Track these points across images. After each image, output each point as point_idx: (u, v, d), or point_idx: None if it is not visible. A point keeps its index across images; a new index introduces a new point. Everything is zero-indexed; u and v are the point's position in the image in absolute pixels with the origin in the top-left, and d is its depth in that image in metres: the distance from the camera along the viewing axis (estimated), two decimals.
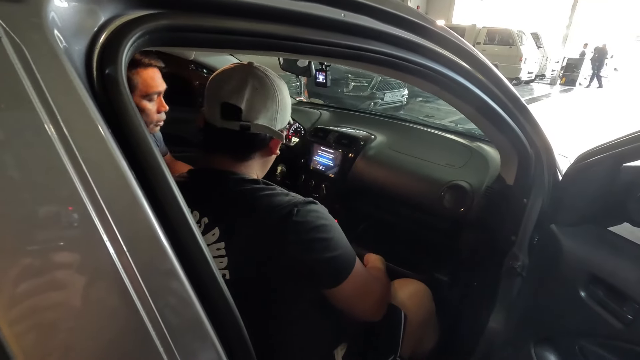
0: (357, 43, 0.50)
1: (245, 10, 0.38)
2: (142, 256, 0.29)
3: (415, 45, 0.55)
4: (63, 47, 0.27)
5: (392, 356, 0.82)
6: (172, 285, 0.33)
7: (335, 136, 1.45)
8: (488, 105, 0.79)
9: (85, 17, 0.29)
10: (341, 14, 0.47)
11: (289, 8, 0.41)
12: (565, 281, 0.87)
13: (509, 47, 9.30)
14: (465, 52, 0.68)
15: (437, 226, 1.18)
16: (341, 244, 0.65)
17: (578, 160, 0.90)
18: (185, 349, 0.33)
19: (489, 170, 1.13)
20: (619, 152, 0.83)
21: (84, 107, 0.27)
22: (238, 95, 0.64)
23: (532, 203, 0.94)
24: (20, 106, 0.24)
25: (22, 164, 0.24)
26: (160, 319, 0.31)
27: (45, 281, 0.26)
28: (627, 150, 0.81)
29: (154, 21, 0.32)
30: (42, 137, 0.25)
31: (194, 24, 0.35)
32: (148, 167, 0.31)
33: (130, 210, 0.29)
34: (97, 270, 0.28)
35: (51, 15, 0.26)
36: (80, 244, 0.27)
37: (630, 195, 0.81)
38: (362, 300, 0.72)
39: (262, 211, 0.61)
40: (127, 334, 0.30)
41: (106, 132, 0.28)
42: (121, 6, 0.31)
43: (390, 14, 0.50)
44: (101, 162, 0.27)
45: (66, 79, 0.27)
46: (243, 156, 0.69)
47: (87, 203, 0.26)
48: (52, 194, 0.25)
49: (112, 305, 0.29)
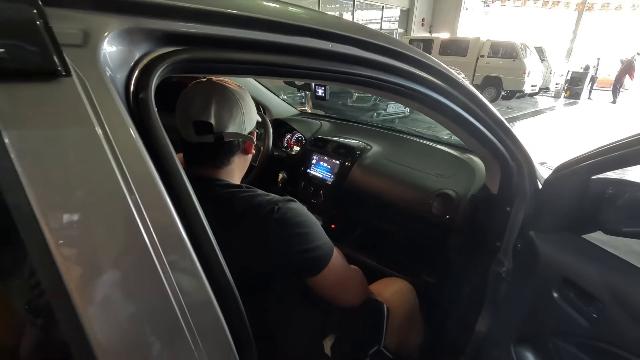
0: (343, 68, 0.59)
1: (250, 45, 0.47)
2: (165, 240, 0.38)
3: (392, 68, 0.64)
4: (109, 76, 0.36)
5: (376, 346, 0.89)
6: (189, 270, 0.40)
7: (334, 146, 1.54)
8: (467, 120, 0.87)
9: (126, 55, 0.38)
10: (329, 45, 0.56)
11: (287, 42, 0.51)
12: (541, 284, 0.93)
13: (513, 60, 9.38)
14: (443, 74, 0.76)
15: (426, 231, 1.26)
16: (318, 236, 0.73)
17: (555, 171, 0.97)
18: (200, 325, 0.41)
19: (475, 180, 1.21)
20: (588, 164, 0.90)
21: (123, 121, 0.36)
22: (206, 112, 0.72)
23: (516, 211, 1.01)
24: (82, 121, 0.33)
25: (82, 162, 0.33)
26: (181, 296, 0.39)
27: (95, 261, 0.34)
28: (595, 163, 0.88)
29: (176, 56, 0.41)
30: (94, 141, 0.33)
31: (208, 57, 0.44)
32: (169, 168, 0.40)
33: (156, 203, 0.37)
34: (131, 248, 0.36)
35: (102, 55, 0.36)
36: (120, 224, 0.35)
37: (601, 206, 0.88)
38: (343, 286, 0.81)
39: (246, 211, 0.70)
40: (157, 308, 0.38)
41: (138, 140, 0.37)
42: (151, 45, 0.40)
43: (371, 44, 0.60)
44: (134, 162, 0.36)
45: (111, 100, 0.36)
46: (222, 163, 0.77)
47: (125, 193, 0.34)
48: (100, 186, 0.34)
49: (145, 284, 0.37)
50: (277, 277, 0.73)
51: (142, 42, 0.39)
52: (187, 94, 0.75)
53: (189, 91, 0.75)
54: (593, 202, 0.92)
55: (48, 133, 0.31)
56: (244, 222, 0.70)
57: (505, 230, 1.04)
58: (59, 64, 0.31)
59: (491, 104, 0.92)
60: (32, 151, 0.30)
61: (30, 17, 0.30)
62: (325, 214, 1.54)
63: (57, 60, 0.30)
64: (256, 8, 0.49)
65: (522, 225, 1.01)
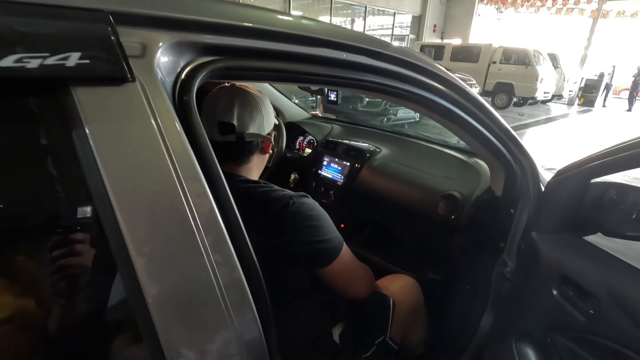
0: (355, 75, 0.66)
1: (274, 55, 0.55)
2: (207, 227, 0.44)
3: (400, 75, 0.71)
4: (161, 80, 0.43)
5: (382, 337, 0.95)
6: (224, 250, 0.46)
7: (344, 148, 1.60)
8: (472, 126, 0.92)
9: (173, 64, 0.46)
10: (343, 55, 0.63)
11: (306, 52, 0.58)
12: (541, 282, 0.98)
13: (525, 67, 9.33)
14: (449, 81, 0.82)
15: (431, 231, 1.31)
16: (329, 230, 0.80)
17: (557, 174, 1.02)
18: (232, 301, 0.47)
19: (480, 183, 1.26)
20: (587, 168, 0.95)
21: (172, 118, 0.43)
22: (229, 113, 0.80)
23: (520, 213, 1.06)
24: (141, 116, 0.40)
25: (142, 150, 0.40)
26: (217, 270, 0.45)
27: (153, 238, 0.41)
28: (593, 167, 0.93)
29: (213, 64, 0.49)
30: (151, 133, 0.41)
31: (240, 65, 0.51)
32: (207, 160, 0.47)
33: (199, 191, 0.44)
34: (181, 230, 0.43)
35: (156, 64, 0.43)
36: (175, 212, 0.42)
37: (601, 209, 0.92)
38: (351, 277, 0.87)
39: (263, 204, 0.77)
40: (200, 277, 0.44)
41: (183, 135, 0.44)
42: (193, 55, 0.48)
43: (380, 53, 0.66)
44: (180, 153, 0.43)
45: (163, 101, 0.43)
46: (243, 160, 0.85)
47: (174, 177, 0.42)
48: (155, 169, 0.41)
49: (192, 262, 0.44)
50: (291, 266, 0.79)
51: (186, 52, 0.47)
52: (213, 97, 0.83)
53: (214, 95, 0.83)
54: (593, 204, 0.96)
55: (118, 126, 0.38)
56: (261, 215, 0.77)
57: (509, 231, 1.08)
58: (127, 72, 0.38)
59: (497, 112, 0.97)
60: (106, 140, 0.37)
61: (107, 34, 0.37)
62: (335, 213, 1.60)
63: (126, 69, 0.38)
64: (280, 23, 0.56)
65: (526, 227, 1.05)
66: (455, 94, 0.83)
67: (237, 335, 0.48)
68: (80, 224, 0.43)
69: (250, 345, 0.50)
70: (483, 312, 1.13)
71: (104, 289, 0.44)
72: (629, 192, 0.91)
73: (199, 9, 0.48)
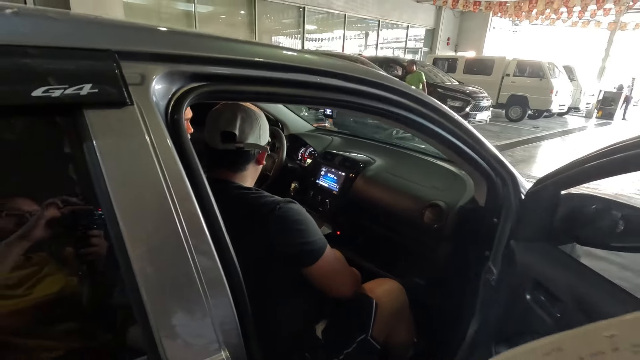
0: (329, 96, 0.75)
1: (251, 80, 0.65)
2: (190, 226, 0.53)
3: (372, 95, 0.80)
4: (155, 104, 0.54)
5: (364, 335, 1.02)
6: (205, 246, 0.54)
7: (340, 159, 1.70)
8: (448, 140, 0.98)
9: (166, 90, 0.57)
10: (317, 79, 0.72)
11: (280, 77, 0.68)
12: (517, 288, 1.03)
13: (540, 80, 9.27)
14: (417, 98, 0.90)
15: (418, 238, 1.38)
16: (313, 233, 0.88)
17: (535, 184, 1.08)
18: (213, 296, 0.55)
19: (465, 193, 1.32)
20: (557, 179, 1.00)
21: (163, 135, 0.54)
22: (232, 124, 0.91)
23: (503, 222, 1.11)
24: (137, 133, 0.51)
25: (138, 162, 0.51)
26: (201, 271, 0.54)
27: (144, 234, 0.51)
28: (562, 177, 0.99)
29: (200, 89, 0.59)
30: (146, 147, 0.51)
31: (221, 89, 0.62)
32: (192, 168, 0.57)
33: (184, 195, 0.54)
34: (167, 227, 0.52)
35: (152, 91, 0.54)
36: (161, 207, 0.52)
37: (574, 220, 0.98)
38: (333, 277, 0.95)
39: (253, 209, 0.87)
40: (183, 276, 0.53)
41: (173, 149, 0.54)
42: (183, 82, 0.58)
43: (350, 76, 0.76)
44: (171, 165, 0.53)
45: (157, 121, 0.53)
46: (239, 168, 0.95)
47: (165, 189, 0.52)
48: (149, 178, 0.51)
49: (176, 254, 0.53)
50: (277, 265, 0.88)
51: (177, 80, 0.58)
52: (217, 110, 0.95)
53: (219, 108, 0.95)
54: (566, 215, 1.01)
55: (119, 141, 0.49)
56: (251, 218, 0.86)
57: (494, 239, 1.13)
58: (127, 97, 0.49)
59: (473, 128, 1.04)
60: (110, 153, 0.48)
61: (112, 68, 0.48)
62: (331, 221, 1.69)
63: (127, 95, 0.49)
64: (257, 53, 0.66)
65: (508, 235, 1.10)
66: (427, 110, 0.91)
67: (212, 316, 0.56)
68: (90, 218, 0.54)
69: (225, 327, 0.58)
70: (471, 318, 1.18)
71: (108, 275, 0.55)
72: (599, 203, 0.95)
73: (187, 44, 0.59)
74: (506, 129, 8.54)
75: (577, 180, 1.01)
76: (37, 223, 0.53)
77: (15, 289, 0.55)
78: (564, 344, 0.48)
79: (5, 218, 0.53)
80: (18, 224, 0.53)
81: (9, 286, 0.56)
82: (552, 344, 0.48)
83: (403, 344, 1.24)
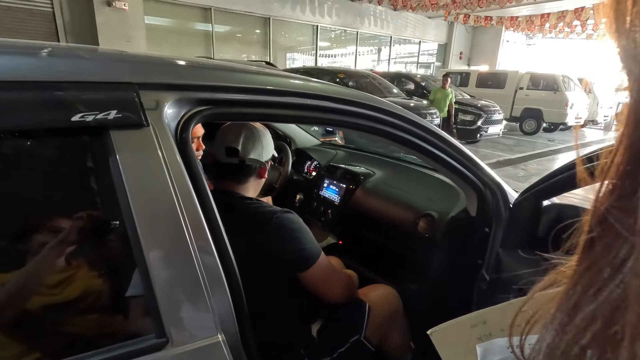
0: (319, 116, 0.86)
1: (250, 104, 0.76)
2: (196, 230, 0.64)
3: (360, 114, 0.90)
4: (167, 125, 0.65)
5: (357, 336, 1.09)
6: (207, 249, 0.65)
7: (342, 172, 1.79)
8: (435, 154, 1.06)
9: (177, 113, 0.68)
10: (307, 101, 0.83)
11: (275, 100, 0.79)
12: (503, 294, 1.08)
13: (554, 93, 9.19)
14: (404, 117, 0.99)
15: (412, 246, 1.45)
16: (308, 240, 0.97)
17: (519, 195, 1.14)
18: (213, 290, 0.65)
19: (457, 204, 1.39)
20: (537, 190, 1.07)
21: (173, 152, 0.65)
22: (235, 141, 1.03)
23: (494, 232, 1.17)
24: (152, 150, 0.62)
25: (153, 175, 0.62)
26: (204, 269, 0.64)
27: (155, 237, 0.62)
28: (542, 188, 1.05)
29: (205, 112, 0.70)
30: (159, 163, 0.62)
31: (224, 112, 0.73)
32: (197, 181, 0.67)
33: (190, 203, 0.64)
34: (176, 231, 0.63)
35: (165, 114, 0.65)
36: (172, 214, 0.63)
37: (556, 230, 1.03)
38: (327, 282, 1.03)
39: (253, 217, 0.97)
40: (189, 273, 0.64)
41: (182, 164, 0.65)
42: (190, 106, 0.70)
43: (337, 98, 0.86)
44: (179, 177, 0.64)
45: (168, 140, 0.64)
46: (242, 181, 1.06)
47: (174, 197, 0.62)
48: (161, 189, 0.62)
49: (184, 255, 0.63)
50: (274, 269, 0.98)
51: (186, 105, 0.69)
52: (225, 128, 1.07)
53: (227, 126, 1.07)
54: (548, 225, 1.07)
55: (137, 156, 0.60)
56: (250, 226, 0.96)
57: (487, 249, 1.19)
58: (145, 120, 0.60)
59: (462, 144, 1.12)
60: (131, 168, 0.59)
61: (133, 97, 0.60)
62: (332, 230, 1.78)
63: (144, 118, 0.60)
64: (254, 80, 0.78)
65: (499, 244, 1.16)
66: (412, 127, 1.00)
67: (212, 306, 0.66)
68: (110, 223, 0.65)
69: (223, 317, 0.67)
70: None
71: (127, 273, 0.65)
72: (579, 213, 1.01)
73: (194, 75, 0.71)
74: (520, 142, 8.46)
75: (552, 192, 1.07)
76: (70, 231, 0.64)
77: (53, 288, 0.66)
78: (487, 317, 0.56)
79: (49, 220, 0.65)
80: (57, 228, 0.64)
81: (48, 286, 0.66)
82: (478, 317, 0.56)
83: (398, 348, 1.30)
